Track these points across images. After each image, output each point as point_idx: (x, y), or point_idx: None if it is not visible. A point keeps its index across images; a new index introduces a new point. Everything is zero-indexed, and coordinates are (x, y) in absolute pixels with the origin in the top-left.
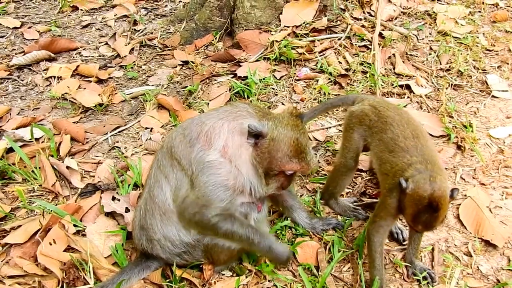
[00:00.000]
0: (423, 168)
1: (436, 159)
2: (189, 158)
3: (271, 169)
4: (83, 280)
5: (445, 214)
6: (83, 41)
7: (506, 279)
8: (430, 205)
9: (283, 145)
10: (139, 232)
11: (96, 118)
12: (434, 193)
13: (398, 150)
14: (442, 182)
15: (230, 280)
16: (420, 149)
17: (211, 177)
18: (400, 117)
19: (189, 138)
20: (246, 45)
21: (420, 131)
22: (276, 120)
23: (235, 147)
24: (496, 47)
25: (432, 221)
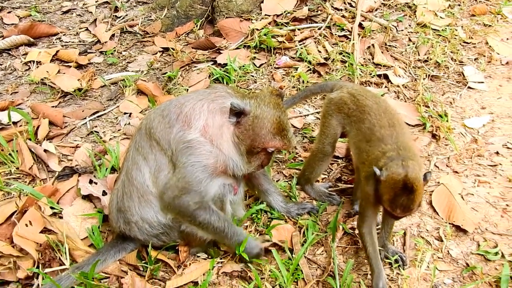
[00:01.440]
0: (395, 155)
1: (410, 146)
2: (168, 138)
3: (254, 147)
4: (59, 261)
5: (421, 196)
6: (63, 26)
7: (475, 263)
8: (405, 187)
9: (267, 122)
10: (116, 214)
11: (75, 103)
12: (408, 175)
13: (374, 139)
14: (414, 166)
15: (205, 262)
16: (394, 137)
17: (190, 157)
18: (377, 106)
19: (168, 119)
20: (227, 33)
21: (397, 120)
22: (258, 99)
23: (216, 126)
24: (473, 40)
25: (409, 204)
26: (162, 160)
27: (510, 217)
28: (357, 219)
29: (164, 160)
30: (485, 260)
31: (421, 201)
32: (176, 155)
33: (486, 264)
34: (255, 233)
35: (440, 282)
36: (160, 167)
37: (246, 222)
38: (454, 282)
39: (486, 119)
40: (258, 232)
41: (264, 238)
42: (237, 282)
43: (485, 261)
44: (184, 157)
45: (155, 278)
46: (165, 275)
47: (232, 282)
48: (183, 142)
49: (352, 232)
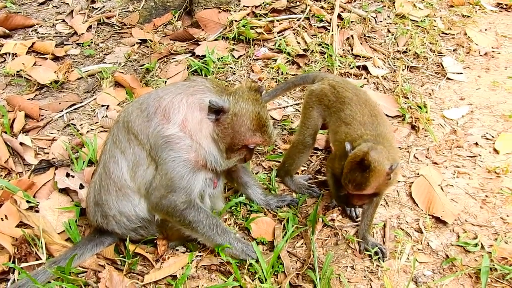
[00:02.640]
0: (372, 139)
1: (389, 137)
2: (147, 132)
3: (234, 144)
4: (35, 256)
5: (377, 179)
6: (40, 18)
7: (455, 254)
8: (361, 163)
9: (246, 119)
10: (94, 208)
11: (52, 95)
12: (369, 153)
13: (355, 123)
14: (382, 151)
15: (183, 255)
16: (376, 126)
17: (170, 152)
18: (357, 98)
19: (147, 113)
20: (205, 24)
21: (378, 111)
22: (236, 95)
23: (195, 121)
24: (452, 31)
25: (362, 181)
26: (140, 154)
27: (489, 208)
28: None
29: (142, 155)
30: (465, 251)
31: (378, 185)
32: (155, 150)
33: (466, 255)
34: (235, 226)
35: (420, 274)
36: (138, 161)
37: (225, 215)
38: (434, 273)
39: (465, 110)
40: (237, 225)
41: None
42: (216, 275)
43: (465, 252)
44: (164, 152)
45: (133, 272)
46: (143, 269)
47: (211, 275)
48: (162, 137)
49: (332, 224)
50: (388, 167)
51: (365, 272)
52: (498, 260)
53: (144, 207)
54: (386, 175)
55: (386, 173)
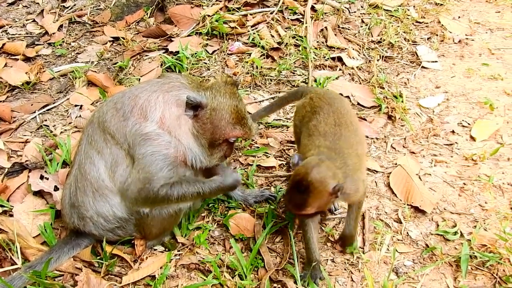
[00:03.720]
0: (326, 152)
1: (349, 153)
2: (124, 132)
3: (214, 139)
4: (11, 261)
5: (317, 201)
6: (10, 18)
7: (434, 243)
8: (299, 185)
9: (225, 113)
10: (70, 210)
11: (24, 97)
12: (309, 173)
13: (316, 134)
14: (326, 169)
15: (162, 255)
16: (337, 137)
17: (149, 148)
18: (329, 106)
19: (122, 112)
20: (178, 20)
21: (346, 121)
22: (213, 90)
23: (173, 118)
24: (426, 19)
25: (301, 203)
26: (118, 154)
27: (467, 195)
28: None
29: (120, 154)
30: (444, 240)
31: (320, 205)
32: (133, 148)
33: (446, 244)
34: (213, 223)
35: (401, 264)
36: (117, 161)
37: (203, 213)
38: (415, 263)
39: (441, 98)
40: (215, 222)
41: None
42: (195, 274)
43: (445, 241)
44: (142, 148)
45: (111, 274)
46: (121, 270)
47: (190, 274)
48: (140, 135)
49: None
50: (331, 187)
51: (346, 265)
52: (478, 247)
53: (122, 206)
54: (329, 196)
55: (329, 193)
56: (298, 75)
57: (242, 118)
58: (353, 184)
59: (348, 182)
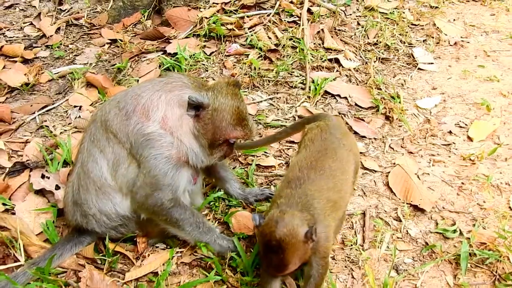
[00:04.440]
0: (285, 202)
1: (316, 195)
2: (126, 131)
3: (215, 140)
4: (14, 258)
5: (296, 255)
6: (7, 22)
7: (434, 241)
8: (270, 246)
9: (226, 114)
10: (73, 207)
11: (23, 98)
12: (275, 232)
13: (285, 180)
14: (291, 219)
15: (164, 252)
16: (302, 181)
17: (151, 150)
18: (320, 143)
19: (125, 111)
20: (175, 22)
21: (323, 165)
22: (215, 90)
23: (175, 118)
24: (421, 22)
25: (280, 263)
26: (120, 153)
27: (466, 195)
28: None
29: (122, 153)
30: (443, 238)
31: (300, 257)
32: (136, 148)
33: (445, 242)
34: (214, 221)
35: (401, 262)
36: (119, 160)
37: (204, 211)
38: (414, 261)
39: (438, 99)
40: (216, 220)
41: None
42: (197, 271)
43: (444, 239)
44: (145, 150)
45: (114, 271)
46: (124, 267)
47: (192, 271)
48: (142, 135)
49: None
50: (303, 234)
51: (346, 262)
52: (477, 245)
53: (124, 205)
54: (305, 244)
55: (303, 242)
56: (296, 76)
57: (243, 119)
58: (324, 229)
59: (319, 227)
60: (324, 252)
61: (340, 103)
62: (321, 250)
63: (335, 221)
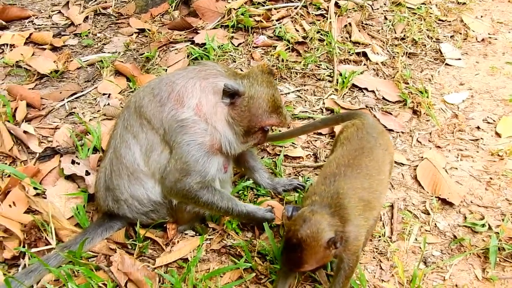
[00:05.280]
0: (317, 201)
1: (348, 193)
2: (160, 117)
3: (250, 127)
4: (45, 241)
5: (313, 257)
6: (35, 9)
7: (462, 235)
8: (291, 243)
9: (262, 102)
10: (105, 193)
11: (52, 85)
12: (298, 231)
13: (321, 176)
14: (318, 223)
15: (193, 238)
16: (336, 178)
17: (184, 136)
18: (357, 141)
19: (159, 98)
20: (203, 13)
21: (360, 163)
22: (250, 78)
23: (209, 105)
24: (448, 18)
25: (296, 260)
26: (153, 139)
27: (494, 190)
28: None
29: (156, 139)
30: (472, 232)
31: (318, 261)
32: (169, 135)
33: (474, 236)
34: None
35: (429, 254)
36: (152, 146)
37: None
38: (443, 254)
39: (465, 95)
40: None
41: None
42: (226, 258)
43: (473, 233)
44: (178, 136)
45: (144, 256)
46: (154, 253)
47: (221, 258)
48: (176, 121)
49: None
50: (325, 240)
51: (374, 253)
52: (505, 239)
53: (156, 190)
54: (325, 249)
55: (324, 248)
56: (323, 69)
57: (278, 106)
58: (354, 228)
59: (349, 226)
60: (354, 250)
61: (368, 97)
62: (351, 248)
63: (367, 221)
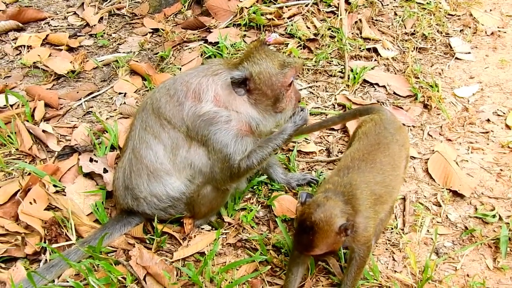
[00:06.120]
0: (332, 189)
1: (361, 186)
2: (181, 116)
3: (277, 94)
4: (65, 237)
5: (323, 241)
6: (51, 11)
7: (473, 226)
8: (304, 226)
9: (270, 69)
10: (124, 192)
11: (69, 85)
12: (312, 214)
13: (337, 168)
14: (332, 208)
15: (209, 233)
16: (350, 171)
17: (210, 127)
18: (374, 137)
19: (177, 98)
20: (215, 12)
21: (374, 158)
22: (249, 58)
23: (225, 94)
24: (458, 12)
25: (308, 244)
26: (178, 137)
27: (505, 181)
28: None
29: (180, 137)
30: (483, 223)
31: (328, 246)
32: (194, 131)
33: (485, 226)
34: (257, 205)
35: (441, 245)
36: (177, 144)
37: (247, 194)
38: (454, 245)
39: (475, 88)
40: (259, 203)
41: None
42: (242, 251)
43: (483, 224)
44: (205, 130)
45: (162, 250)
46: (171, 247)
47: (237, 252)
48: (198, 117)
49: None
50: (337, 226)
51: (387, 245)
52: None
53: (175, 186)
54: (336, 235)
55: (335, 233)
56: (335, 65)
57: (284, 61)
58: (363, 220)
59: (359, 217)
60: (363, 240)
61: (379, 92)
62: (360, 239)
63: (377, 214)
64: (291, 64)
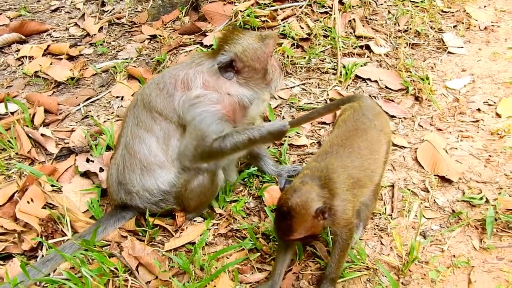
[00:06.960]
0: (309, 174)
1: (338, 170)
2: (172, 106)
3: (264, 66)
4: (61, 233)
5: (302, 225)
6: (53, 23)
7: (461, 209)
8: (281, 211)
9: (252, 44)
10: (117, 187)
11: (69, 92)
12: (289, 199)
13: (316, 154)
14: (308, 192)
15: (201, 224)
16: (328, 155)
17: (197, 109)
18: (352, 123)
19: (166, 90)
20: (212, 17)
21: (352, 143)
22: (229, 41)
23: (214, 79)
24: (451, 9)
25: (287, 229)
26: (169, 127)
27: (493, 166)
28: None
29: (171, 127)
30: (470, 206)
31: (307, 229)
32: (184, 117)
33: (472, 209)
34: (248, 197)
35: (428, 229)
36: (169, 134)
37: (239, 187)
38: (442, 228)
39: (467, 80)
40: (250, 195)
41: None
42: (233, 241)
43: (471, 207)
44: (191, 111)
45: (154, 241)
46: (164, 239)
47: (228, 241)
48: (188, 102)
49: None
50: (314, 210)
51: (375, 230)
52: (503, 211)
53: (165, 180)
54: (313, 219)
55: (312, 217)
56: (327, 63)
57: (260, 35)
58: (341, 202)
59: (336, 200)
60: (343, 223)
61: (371, 86)
62: (340, 222)
63: (357, 197)
64: (269, 36)
